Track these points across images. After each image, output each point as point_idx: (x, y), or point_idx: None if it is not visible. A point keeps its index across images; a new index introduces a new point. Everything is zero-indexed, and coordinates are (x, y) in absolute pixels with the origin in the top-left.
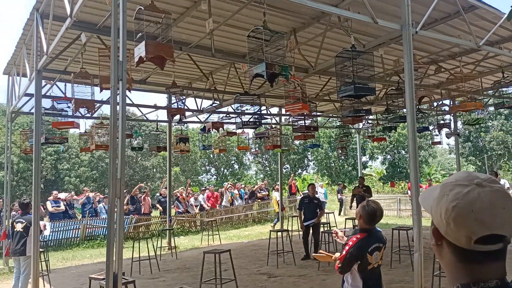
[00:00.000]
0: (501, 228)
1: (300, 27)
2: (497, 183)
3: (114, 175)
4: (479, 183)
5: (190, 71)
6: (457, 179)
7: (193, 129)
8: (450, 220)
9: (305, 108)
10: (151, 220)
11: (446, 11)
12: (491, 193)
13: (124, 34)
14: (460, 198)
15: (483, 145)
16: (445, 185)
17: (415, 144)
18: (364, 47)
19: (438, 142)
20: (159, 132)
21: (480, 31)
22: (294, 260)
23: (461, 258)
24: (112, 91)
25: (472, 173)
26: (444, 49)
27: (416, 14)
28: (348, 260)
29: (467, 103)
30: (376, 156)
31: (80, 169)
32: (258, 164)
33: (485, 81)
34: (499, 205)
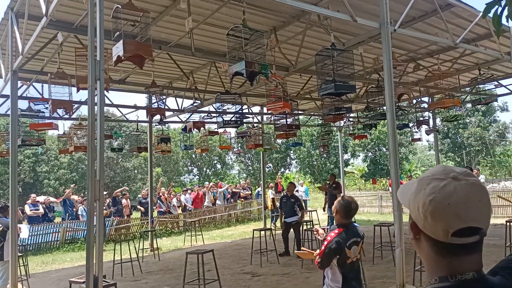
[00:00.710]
0: (477, 221)
1: (280, 25)
2: (472, 176)
3: (92, 176)
4: (455, 176)
5: (170, 70)
6: (434, 173)
7: (175, 129)
8: (427, 213)
9: (287, 107)
10: (130, 221)
11: (423, 9)
12: (467, 186)
13: (101, 33)
14: (437, 191)
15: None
16: (422, 180)
17: (395, 141)
18: (344, 46)
19: (418, 139)
20: (139, 133)
21: (456, 29)
22: (278, 259)
23: (439, 251)
24: (89, 91)
25: (448, 167)
26: (422, 47)
27: (395, 13)
28: (327, 255)
29: (445, 100)
30: (358, 154)
31: (60, 171)
32: (240, 164)
33: (462, 78)
34: (474, 198)
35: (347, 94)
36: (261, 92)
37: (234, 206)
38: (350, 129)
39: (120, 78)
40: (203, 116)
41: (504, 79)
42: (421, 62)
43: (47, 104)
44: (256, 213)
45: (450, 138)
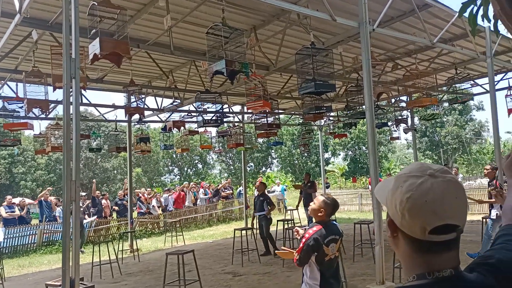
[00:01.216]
0: (454, 218)
1: (260, 24)
2: (449, 174)
3: (68, 176)
4: (432, 173)
5: (149, 69)
6: (411, 170)
7: (155, 129)
8: (405, 211)
9: (267, 106)
10: (110, 223)
11: (401, 9)
12: (443, 183)
13: (76, 30)
14: (414, 189)
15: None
16: (399, 177)
17: (374, 139)
18: (324, 45)
19: (397, 137)
20: (118, 132)
21: (434, 29)
22: (259, 258)
23: (416, 249)
24: (64, 89)
25: (424, 164)
26: (400, 47)
27: (373, 12)
28: (305, 252)
29: (422, 99)
30: (338, 153)
31: (37, 172)
32: (222, 163)
33: (440, 78)
34: (451, 195)
35: (327, 93)
36: (241, 91)
37: (215, 205)
38: (331, 128)
39: (97, 77)
40: (183, 116)
41: (480, 78)
42: (399, 62)
43: (22, 104)
44: (238, 212)
45: (428, 136)
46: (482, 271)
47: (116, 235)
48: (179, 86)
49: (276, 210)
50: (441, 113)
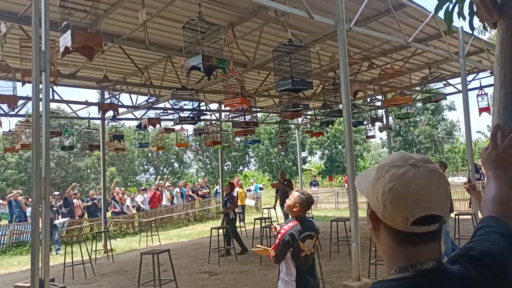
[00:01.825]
0: (437, 208)
1: (237, 21)
2: (431, 163)
3: (38, 174)
4: (414, 163)
5: (124, 65)
6: (393, 160)
7: (130, 127)
8: (387, 202)
9: (244, 103)
10: (83, 223)
11: (377, 8)
12: (426, 173)
13: (46, 22)
14: (396, 179)
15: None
16: (381, 167)
17: (351, 136)
18: (301, 43)
19: (372, 136)
20: (91, 130)
21: (408, 29)
22: (236, 257)
23: (399, 241)
24: (34, 83)
25: (406, 154)
26: (375, 46)
27: (350, 11)
28: (281, 247)
29: (397, 97)
30: (315, 152)
31: (7, 171)
32: (199, 162)
33: (414, 78)
34: (434, 185)
35: (304, 90)
36: (219, 88)
37: (192, 205)
38: (308, 126)
39: (69, 72)
40: (159, 113)
41: (452, 78)
42: (375, 61)
43: None
44: (215, 211)
45: (402, 135)
46: (464, 263)
47: (89, 235)
48: (154, 82)
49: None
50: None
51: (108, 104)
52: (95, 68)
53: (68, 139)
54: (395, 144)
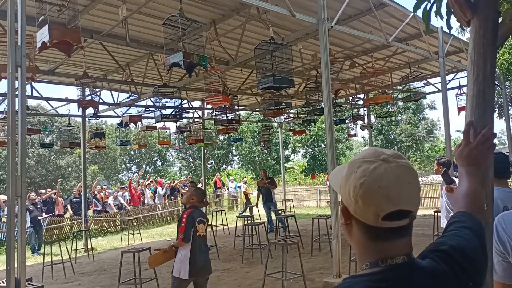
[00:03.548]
0: (407, 204)
1: (220, 18)
2: (402, 159)
3: (13, 171)
4: (385, 158)
5: (104, 62)
6: (364, 156)
7: (112, 125)
8: (358, 197)
9: (226, 100)
10: (64, 221)
11: (359, 7)
12: (397, 168)
13: (22, 16)
14: (368, 174)
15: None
16: (352, 163)
17: (332, 134)
18: (283, 41)
19: (354, 135)
20: (71, 127)
21: (390, 28)
22: (218, 255)
23: (370, 236)
24: (9, 79)
25: (378, 150)
26: (357, 45)
27: (332, 10)
28: (187, 228)
29: (378, 96)
30: (298, 150)
31: None
32: (182, 160)
33: (395, 77)
34: (405, 180)
35: (286, 88)
36: (201, 86)
37: (175, 203)
38: (291, 125)
39: (48, 68)
40: (141, 111)
41: (432, 77)
42: (357, 60)
43: None
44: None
45: (383, 134)
46: (434, 257)
47: (69, 234)
48: (136, 80)
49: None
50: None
51: (88, 101)
52: (75, 65)
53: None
54: (377, 142)
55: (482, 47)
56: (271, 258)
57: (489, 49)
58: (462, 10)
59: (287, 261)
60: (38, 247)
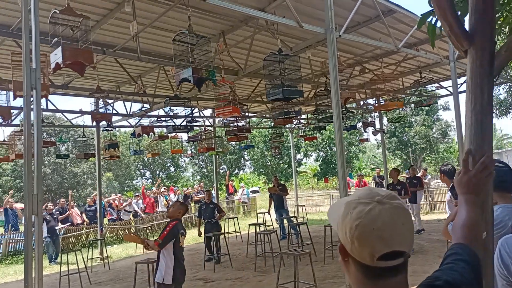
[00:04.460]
0: (401, 244)
1: (228, 29)
2: (396, 199)
3: (30, 190)
4: (380, 200)
5: (117, 74)
6: (360, 196)
7: (125, 132)
8: (354, 238)
9: (236, 111)
10: (82, 230)
11: (367, 14)
12: (391, 210)
13: (37, 39)
14: (363, 216)
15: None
16: (349, 203)
17: (342, 145)
18: (292, 50)
19: (366, 139)
20: (86, 138)
21: (399, 34)
22: (231, 263)
23: (367, 274)
24: (25, 101)
25: (373, 190)
26: (367, 51)
27: (340, 18)
28: (167, 237)
29: (388, 103)
30: (310, 154)
31: (3, 178)
32: (194, 166)
33: (406, 80)
34: (398, 222)
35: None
36: (211, 96)
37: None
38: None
39: (63, 83)
40: (153, 121)
41: (444, 81)
42: (367, 65)
43: None
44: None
45: (397, 136)
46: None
47: (85, 243)
48: (148, 91)
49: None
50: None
51: (101, 115)
52: (88, 78)
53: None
54: (391, 145)
55: (479, 77)
56: (284, 266)
57: (486, 79)
58: (459, 41)
59: (300, 269)
60: (55, 256)
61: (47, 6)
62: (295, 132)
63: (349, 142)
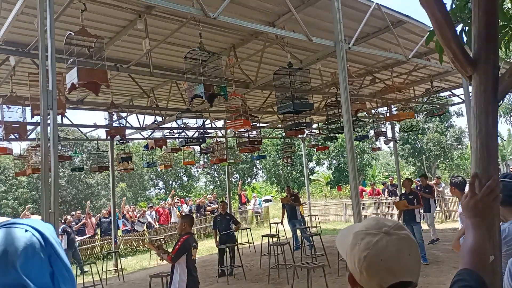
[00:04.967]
0: (408, 275)
1: (239, 43)
2: (403, 229)
3: (47, 208)
4: (387, 231)
5: (130, 88)
6: (367, 227)
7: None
8: (362, 269)
9: (247, 124)
10: (95, 242)
11: (376, 26)
12: (398, 241)
13: (53, 62)
14: (371, 247)
15: (421, 146)
16: (356, 234)
17: (353, 157)
18: (302, 63)
19: (378, 148)
20: (100, 152)
21: (409, 44)
22: (245, 275)
23: None
24: (42, 121)
25: (380, 221)
26: (378, 61)
27: (349, 29)
28: (180, 252)
29: (399, 113)
30: (323, 162)
31: (19, 190)
32: (207, 175)
33: (418, 89)
34: (405, 253)
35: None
36: (223, 108)
37: (201, 220)
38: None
39: (78, 98)
40: (165, 133)
41: (456, 88)
42: (378, 75)
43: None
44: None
45: (410, 143)
46: None
47: (100, 254)
48: (160, 104)
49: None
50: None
51: (115, 130)
52: (102, 92)
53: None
54: (404, 152)
55: (483, 102)
56: (298, 278)
57: (490, 104)
58: (463, 67)
59: (314, 281)
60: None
61: (63, 25)
62: (307, 141)
63: (361, 149)
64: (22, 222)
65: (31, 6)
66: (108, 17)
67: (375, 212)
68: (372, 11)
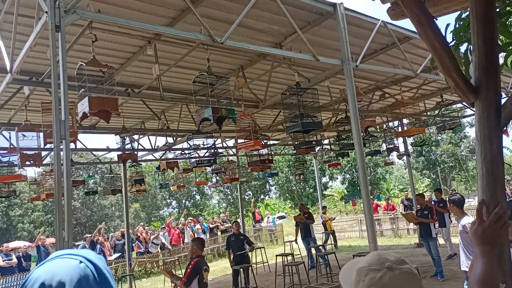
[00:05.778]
0: None
1: (247, 64)
2: (405, 264)
3: (60, 237)
4: (389, 266)
5: (141, 111)
6: (370, 263)
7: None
8: None
9: (257, 144)
10: (111, 264)
11: (383, 42)
12: (400, 276)
13: (65, 92)
14: (374, 283)
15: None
16: (360, 270)
17: (365, 173)
18: (310, 81)
19: (391, 163)
20: (113, 175)
21: (417, 58)
22: None
23: None
24: (55, 151)
25: (383, 256)
26: (388, 77)
27: (356, 47)
28: (191, 275)
29: (410, 129)
30: (336, 177)
31: (34, 214)
32: (220, 193)
33: (428, 102)
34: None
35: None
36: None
37: (215, 240)
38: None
39: (90, 124)
40: (177, 154)
41: None
42: (388, 90)
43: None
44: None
45: (424, 156)
46: None
47: (115, 277)
48: (171, 126)
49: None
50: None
51: (127, 155)
52: (114, 117)
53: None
54: (418, 164)
55: (487, 129)
56: None
57: (493, 131)
58: (465, 95)
59: None
60: None
61: (76, 53)
62: (319, 157)
63: (375, 163)
64: (76, 253)
65: (44, 37)
66: (119, 44)
67: (391, 227)
68: (378, 28)
